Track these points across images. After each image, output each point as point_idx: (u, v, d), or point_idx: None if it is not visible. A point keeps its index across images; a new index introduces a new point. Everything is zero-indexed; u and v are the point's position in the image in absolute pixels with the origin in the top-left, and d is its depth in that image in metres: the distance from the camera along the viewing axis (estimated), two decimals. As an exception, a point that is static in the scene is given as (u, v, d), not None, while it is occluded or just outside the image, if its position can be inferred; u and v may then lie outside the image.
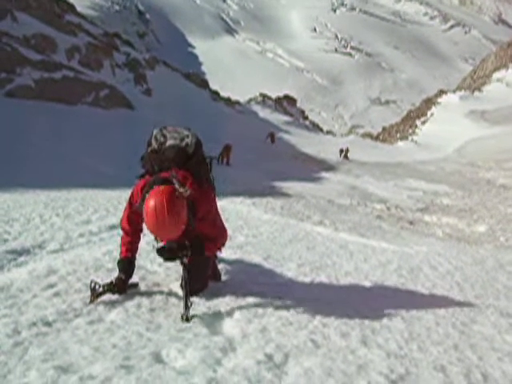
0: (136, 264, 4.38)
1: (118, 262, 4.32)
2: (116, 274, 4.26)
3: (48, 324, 3.37)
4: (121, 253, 4.34)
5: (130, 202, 4.26)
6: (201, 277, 4.38)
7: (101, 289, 3.99)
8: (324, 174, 30.49)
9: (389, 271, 6.95)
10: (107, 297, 4.00)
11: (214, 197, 4.53)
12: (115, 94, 37.54)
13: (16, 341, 3.04)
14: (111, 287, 4.07)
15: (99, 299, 3.93)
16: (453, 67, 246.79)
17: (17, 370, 2.66)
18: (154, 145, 4.29)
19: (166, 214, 3.57)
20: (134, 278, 4.40)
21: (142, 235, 4.47)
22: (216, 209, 4.45)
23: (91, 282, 4.01)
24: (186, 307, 3.74)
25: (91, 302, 3.88)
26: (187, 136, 4.28)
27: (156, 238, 4.02)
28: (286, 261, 6.66)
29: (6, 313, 3.51)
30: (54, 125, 26.10)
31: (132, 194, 4.24)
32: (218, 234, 4.36)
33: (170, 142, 4.22)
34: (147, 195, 3.74)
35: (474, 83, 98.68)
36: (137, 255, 4.43)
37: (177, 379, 2.68)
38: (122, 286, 4.16)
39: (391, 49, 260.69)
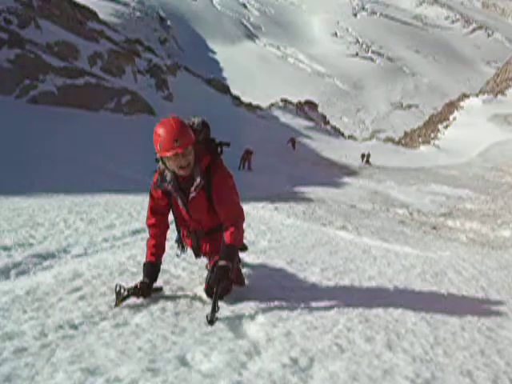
0: (161, 268, 4.40)
1: (143, 266, 4.34)
2: (140, 277, 4.28)
3: (74, 327, 3.40)
4: (146, 256, 4.37)
5: (151, 194, 4.37)
6: (225, 279, 4.21)
7: (126, 292, 4.01)
8: (346, 179, 30.43)
9: (413, 276, 6.89)
10: (132, 300, 4.02)
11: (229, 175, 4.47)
12: (137, 100, 37.86)
13: (43, 343, 3.06)
14: (136, 291, 4.09)
15: (124, 303, 3.95)
16: (475, 71, 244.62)
17: (44, 371, 2.68)
18: None
19: (179, 120, 3.97)
20: (159, 282, 4.42)
21: (167, 236, 4.52)
22: (232, 187, 4.39)
23: (116, 286, 4.03)
24: (214, 310, 3.73)
25: (116, 305, 3.90)
26: (193, 117, 4.37)
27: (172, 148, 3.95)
28: (310, 265, 6.64)
29: (33, 315, 3.54)
30: (76, 131, 26.37)
31: (151, 186, 4.31)
32: (239, 213, 4.33)
33: None
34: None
35: (498, 86, 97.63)
36: (162, 259, 4.45)
37: (202, 382, 2.68)
38: (147, 290, 4.17)
39: (413, 53, 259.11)
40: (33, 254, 5.50)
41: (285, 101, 78.35)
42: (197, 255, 4.67)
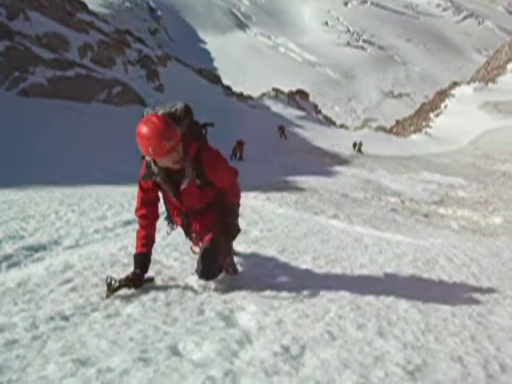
0: (152, 259, 4.39)
1: (134, 257, 4.30)
2: (131, 268, 4.27)
3: (65, 318, 3.40)
4: (136, 247, 4.34)
5: (141, 185, 4.34)
6: (217, 258, 4.32)
7: (117, 284, 4.00)
8: (338, 168, 30.44)
9: (404, 263, 6.92)
10: (123, 291, 4.02)
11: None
12: (128, 91, 37.68)
13: (34, 335, 3.06)
14: (127, 282, 4.09)
15: (115, 294, 3.95)
16: (466, 59, 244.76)
17: (35, 363, 2.68)
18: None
19: (160, 125, 3.76)
20: (150, 273, 4.41)
21: (157, 227, 4.49)
22: (223, 160, 4.40)
23: (107, 278, 4.02)
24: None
25: (107, 296, 3.90)
26: (176, 104, 4.24)
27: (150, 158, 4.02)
28: (301, 254, 6.66)
29: (24, 307, 3.54)
30: (67, 122, 26.24)
31: (140, 176, 4.26)
32: (233, 186, 4.44)
33: (160, 112, 4.06)
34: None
35: (488, 74, 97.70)
36: (153, 250, 4.42)
37: (194, 371, 2.69)
38: (138, 281, 4.18)
39: (404, 41, 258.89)
40: (24, 247, 5.49)
41: (276, 90, 78.12)
42: (187, 234, 4.63)
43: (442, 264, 7.16)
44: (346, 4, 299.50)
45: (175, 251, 5.58)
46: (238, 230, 4.55)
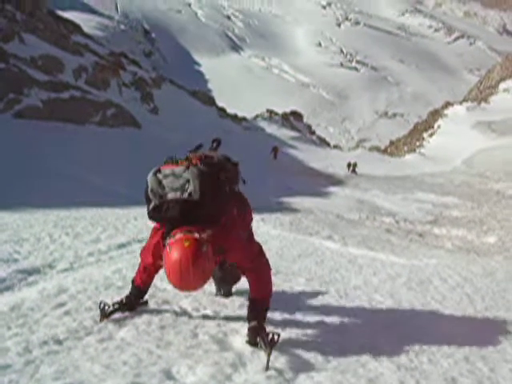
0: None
1: (132, 284, 4.17)
2: (126, 291, 4.24)
3: (59, 342, 3.39)
4: (135, 278, 4.16)
5: (155, 230, 3.89)
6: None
7: (110, 308, 3.98)
8: (332, 189, 30.52)
9: (398, 284, 6.94)
10: (117, 315, 4.01)
11: (246, 216, 4.25)
12: (122, 113, 37.77)
13: (27, 359, 3.05)
14: (121, 306, 4.05)
15: (109, 318, 3.94)
16: (459, 79, 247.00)
17: (28, 388, 2.68)
18: (155, 200, 3.61)
19: (191, 269, 3.14)
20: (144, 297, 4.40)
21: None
22: (247, 242, 3.98)
23: (100, 303, 4.00)
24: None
25: (101, 321, 3.89)
26: (187, 181, 3.52)
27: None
28: (295, 275, 6.66)
29: (17, 332, 3.52)
30: (62, 144, 26.27)
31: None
32: (256, 253, 3.92)
33: (170, 196, 3.53)
34: (168, 241, 3.30)
35: (481, 94, 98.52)
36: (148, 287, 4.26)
37: (188, 395, 2.69)
38: (132, 304, 4.12)
39: (397, 62, 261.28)
40: (18, 270, 5.47)
41: (270, 112, 78.57)
42: None
43: (435, 284, 7.17)
44: (339, 25, 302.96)
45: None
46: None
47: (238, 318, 4.18)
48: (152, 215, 3.64)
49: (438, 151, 61.79)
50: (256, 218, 14.37)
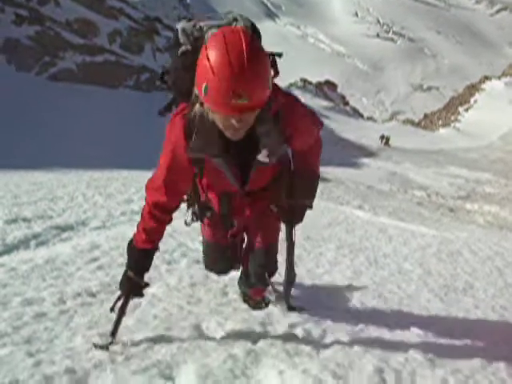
0: (177, 241, 4.04)
1: (130, 254, 2.91)
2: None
3: (92, 295, 3.46)
4: (135, 241, 2.87)
5: (169, 158, 2.59)
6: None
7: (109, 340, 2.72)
8: (364, 160, 30.32)
9: (428, 255, 6.90)
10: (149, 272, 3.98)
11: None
12: (156, 78, 37.82)
13: (62, 309, 3.12)
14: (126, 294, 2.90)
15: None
16: (498, 53, 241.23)
17: (63, 335, 2.74)
18: (186, 43, 2.51)
19: (263, 54, 2.17)
20: (175, 255, 4.44)
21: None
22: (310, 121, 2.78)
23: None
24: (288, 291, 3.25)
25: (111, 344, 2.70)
26: (235, 19, 2.47)
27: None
28: (326, 242, 6.68)
29: (52, 283, 3.61)
30: (95, 107, 26.47)
31: (167, 143, 2.59)
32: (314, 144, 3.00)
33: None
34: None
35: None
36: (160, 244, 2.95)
37: (217, 349, 2.72)
38: (135, 289, 2.92)
39: (434, 34, 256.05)
40: (52, 226, 5.58)
41: (304, 81, 77.86)
42: (226, 224, 3.24)
43: (466, 257, 7.12)
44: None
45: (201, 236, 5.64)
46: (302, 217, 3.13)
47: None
48: (181, 62, 2.52)
49: (474, 126, 60.71)
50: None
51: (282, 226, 3.23)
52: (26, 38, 32.40)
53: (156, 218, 2.75)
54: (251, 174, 2.63)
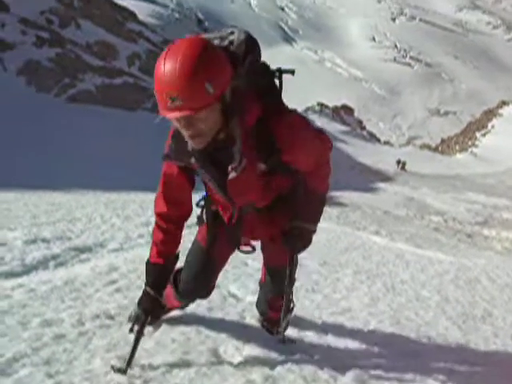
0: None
1: (146, 268, 2.99)
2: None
3: (111, 317, 3.47)
4: (149, 256, 2.97)
5: (164, 171, 2.75)
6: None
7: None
8: (380, 185, 30.26)
9: (446, 281, 6.86)
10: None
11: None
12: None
13: (80, 331, 3.14)
14: (141, 316, 2.86)
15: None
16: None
17: (82, 357, 2.76)
18: None
19: (195, 52, 2.13)
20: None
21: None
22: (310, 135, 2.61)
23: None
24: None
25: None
26: (231, 33, 2.50)
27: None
28: (343, 267, 6.66)
29: (71, 304, 3.62)
30: (114, 130, 26.74)
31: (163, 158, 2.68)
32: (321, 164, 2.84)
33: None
34: None
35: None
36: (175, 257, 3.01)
37: (234, 374, 2.73)
38: (154, 307, 2.90)
39: (451, 59, 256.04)
40: (71, 247, 5.62)
41: (321, 105, 78.14)
42: (236, 244, 3.05)
43: (484, 284, 7.06)
44: (393, 20, 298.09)
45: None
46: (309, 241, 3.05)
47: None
48: None
49: (491, 152, 60.40)
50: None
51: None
52: (46, 59, 32.95)
53: (162, 229, 2.82)
54: (227, 184, 2.51)
